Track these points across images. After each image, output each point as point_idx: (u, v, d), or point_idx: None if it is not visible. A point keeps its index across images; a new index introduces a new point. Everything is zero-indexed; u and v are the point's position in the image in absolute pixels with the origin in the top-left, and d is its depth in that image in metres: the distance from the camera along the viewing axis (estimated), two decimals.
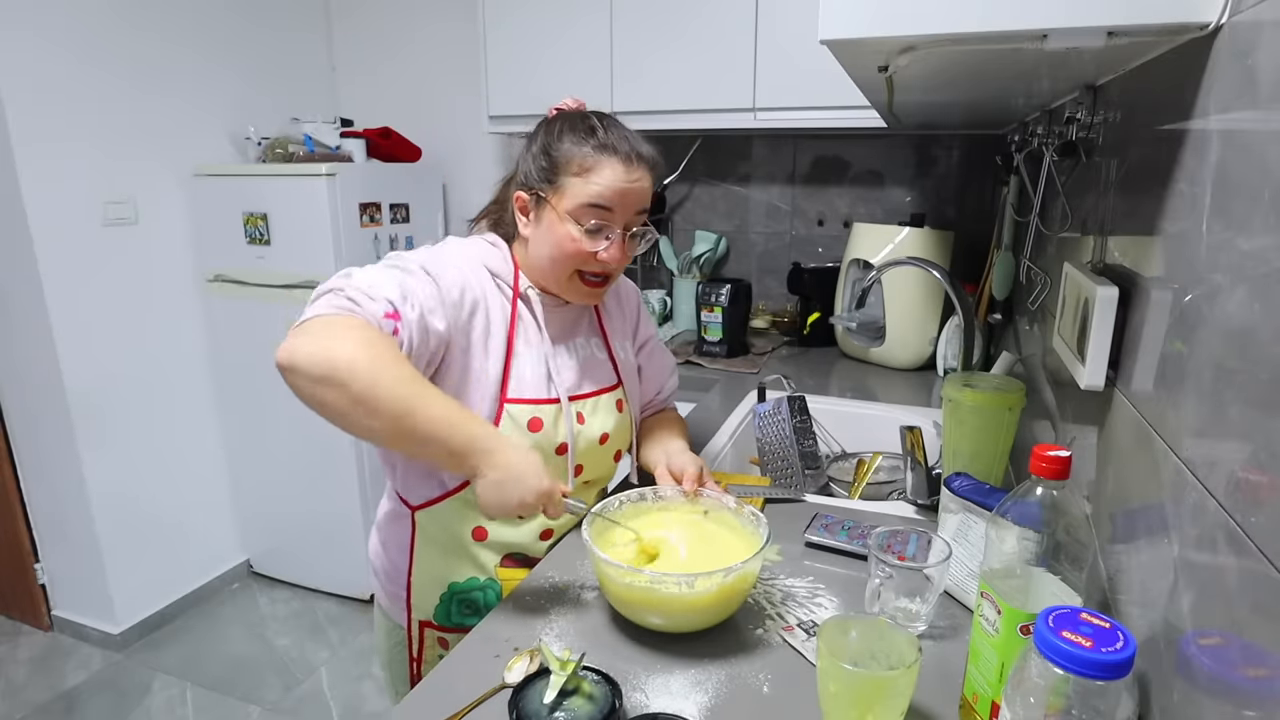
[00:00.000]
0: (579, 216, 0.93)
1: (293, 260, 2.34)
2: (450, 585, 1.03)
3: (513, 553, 1.03)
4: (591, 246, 0.94)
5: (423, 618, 1.05)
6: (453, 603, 1.03)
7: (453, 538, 1.01)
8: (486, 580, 1.03)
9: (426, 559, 1.03)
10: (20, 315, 2.19)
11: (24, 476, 2.37)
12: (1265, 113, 0.48)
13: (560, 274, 0.97)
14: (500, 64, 2.26)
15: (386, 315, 0.81)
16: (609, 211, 0.93)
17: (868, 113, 1.65)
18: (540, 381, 0.98)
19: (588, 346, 1.07)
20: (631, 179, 0.94)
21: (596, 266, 0.96)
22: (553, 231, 0.95)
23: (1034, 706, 0.50)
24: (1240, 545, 0.45)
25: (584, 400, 1.03)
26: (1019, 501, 0.62)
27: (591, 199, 0.92)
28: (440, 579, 1.03)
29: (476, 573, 1.02)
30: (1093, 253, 0.93)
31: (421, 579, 1.03)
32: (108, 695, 2.20)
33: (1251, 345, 0.47)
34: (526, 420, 0.96)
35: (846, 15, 0.61)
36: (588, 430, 1.02)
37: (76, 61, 2.14)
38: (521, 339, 0.98)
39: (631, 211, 0.95)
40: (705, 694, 0.74)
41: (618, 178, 0.93)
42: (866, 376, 1.95)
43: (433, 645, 1.06)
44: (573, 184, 0.93)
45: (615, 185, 0.92)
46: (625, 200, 0.94)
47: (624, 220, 0.95)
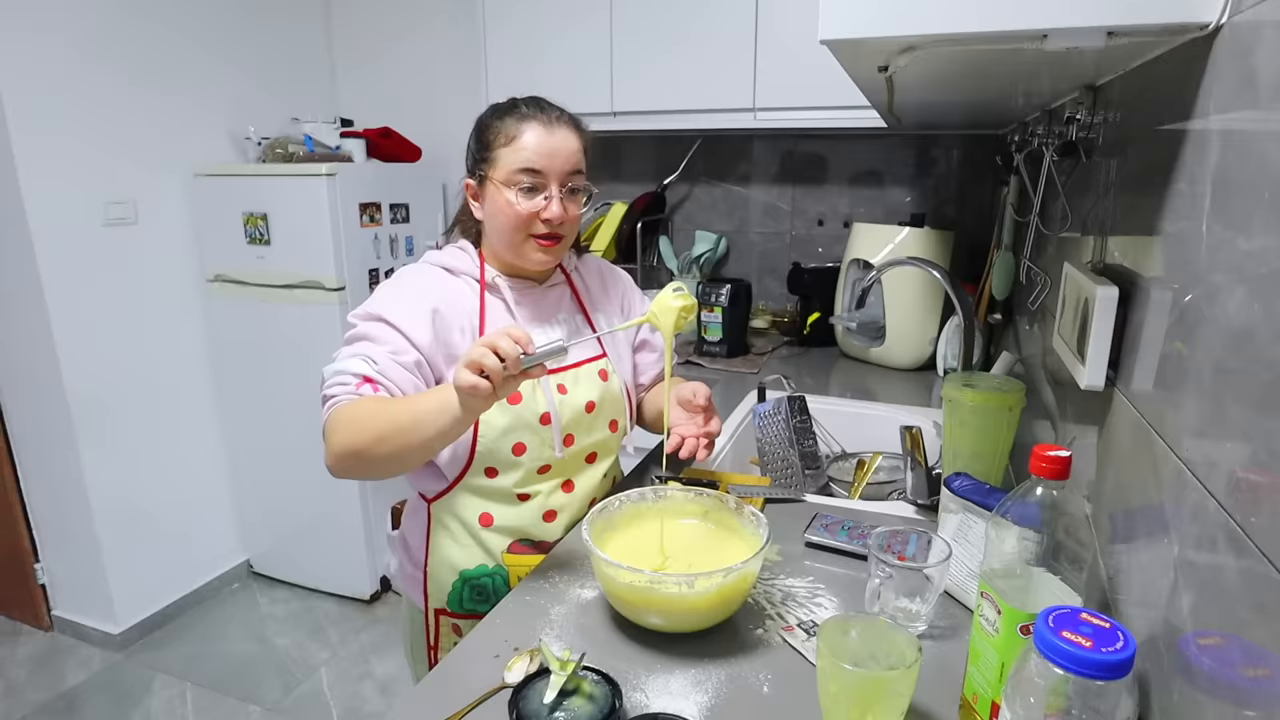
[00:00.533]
0: (513, 182, 1.00)
1: (293, 260, 2.34)
2: (462, 573, 1.08)
3: (520, 538, 1.07)
4: (530, 206, 1.00)
5: (438, 605, 1.11)
6: (464, 589, 1.08)
7: (463, 525, 1.07)
8: (495, 567, 1.08)
9: (441, 548, 1.09)
10: (20, 315, 2.19)
11: (24, 476, 2.37)
12: (1265, 113, 0.48)
13: (514, 242, 1.03)
14: (500, 64, 2.26)
15: (359, 386, 0.93)
16: (539, 173, 1.00)
17: (868, 113, 1.65)
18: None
19: (571, 322, 1.14)
20: (555, 138, 1.01)
21: (543, 227, 1.02)
22: (495, 203, 1.02)
23: (1034, 706, 0.50)
24: (1240, 545, 0.45)
25: (564, 372, 1.07)
26: (1019, 501, 0.62)
27: (521, 163, 1.00)
28: (453, 566, 1.08)
29: (485, 559, 1.07)
30: (1093, 253, 0.93)
31: (437, 567, 1.09)
32: (108, 695, 2.20)
33: (1251, 345, 0.47)
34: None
35: (846, 15, 0.61)
36: (571, 399, 1.06)
37: (77, 61, 2.14)
38: (490, 324, 1.05)
39: (563, 169, 1.01)
40: (705, 694, 0.74)
41: (540, 139, 1.00)
42: (866, 376, 1.95)
43: (448, 633, 1.12)
44: (502, 155, 1.01)
45: (540, 144, 1.00)
46: (553, 158, 1.00)
47: (558, 178, 1.01)
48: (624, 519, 0.97)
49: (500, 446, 1.02)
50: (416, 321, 0.99)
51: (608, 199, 2.57)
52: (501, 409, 1.01)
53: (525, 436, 1.03)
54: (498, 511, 1.06)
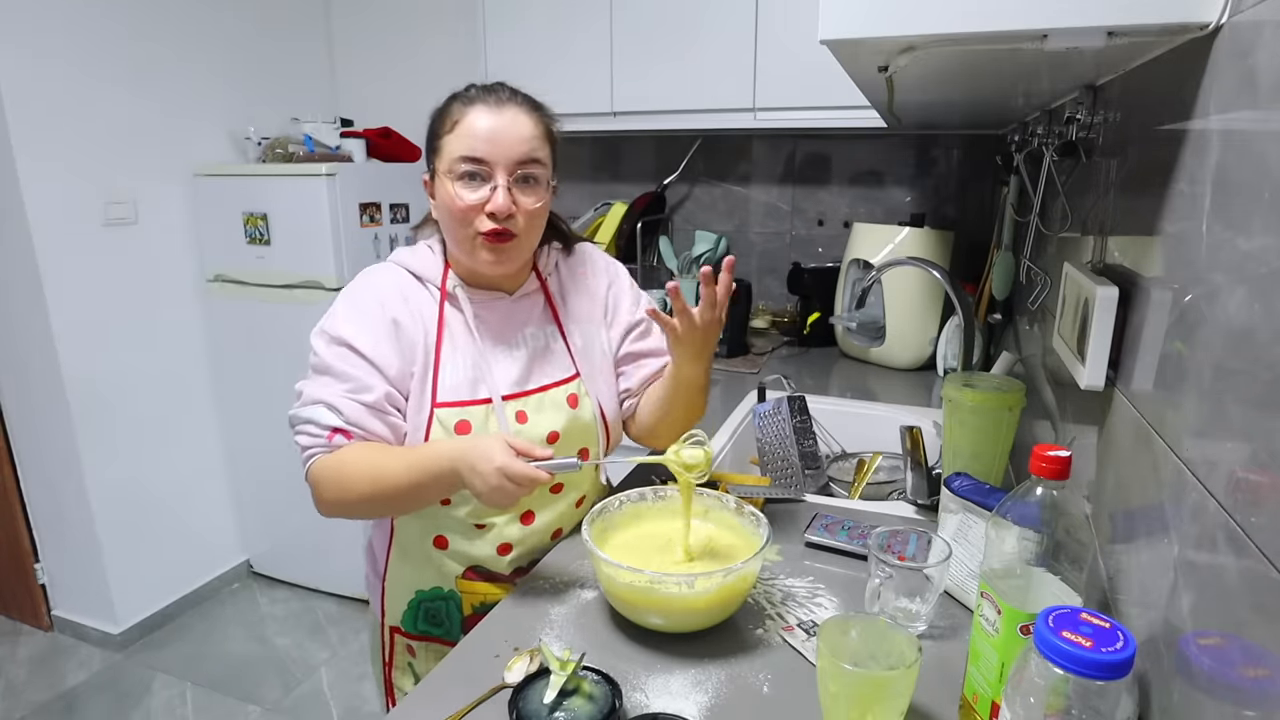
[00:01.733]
0: (454, 171, 0.90)
1: (293, 260, 2.34)
2: (417, 592, 1.03)
3: (475, 566, 1.00)
4: (474, 199, 0.90)
5: (393, 623, 1.05)
6: (419, 609, 1.03)
7: (418, 545, 1.01)
8: (449, 591, 1.02)
9: (399, 564, 1.03)
10: (20, 315, 2.19)
11: (24, 476, 2.37)
12: (1265, 113, 0.48)
13: (461, 240, 0.93)
14: (500, 64, 2.26)
15: (330, 438, 0.90)
16: (483, 161, 0.89)
17: (868, 113, 1.65)
18: (470, 382, 0.95)
19: (540, 337, 1.02)
20: (501, 119, 0.90)
21: (488, 222, 0.90)
22: (442, 197, 0.92)
23: (1034, 706, 0.50)
24: (1240, 545, 0.45)
25: (525, 398, 0.97)
26: (1019, 501, 0.62)
27: (463, 151, 0.89)
28: (409, 585, 1.03)
29: (440, 582, 1.02)
30: (1093, 253, 0.93)
31: (394, 582, 1.04)
32: (108, 695, 2.20)
33: (1251, 345, 0.47)
34: (453, 424, 0.93)
35: (846, 15, 0.61)
36: (531, 429, 0.97)
37: (77, 62, 2.14)
38: (449, 343, 0.96)
39: (511, 155, 0.90)
40: (705, 694, 0.74)
41: (486, 121, 0.89)
42: (866, 376, 1.95)
43: (402, 652, 1.06)
44: (447, 142, 0.91)
45: (484, 129, 0.89)
46: (498, 143, 0.89)
47: (505, 165, 0.90)
48: (624, 519, 0.97)
49: None
50: (380, 340, 0.92)
51: (608, 199, 2.57)
52: (450, 439, 0.93)
53: None
54: (451, 538, 0.99)
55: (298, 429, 0.92)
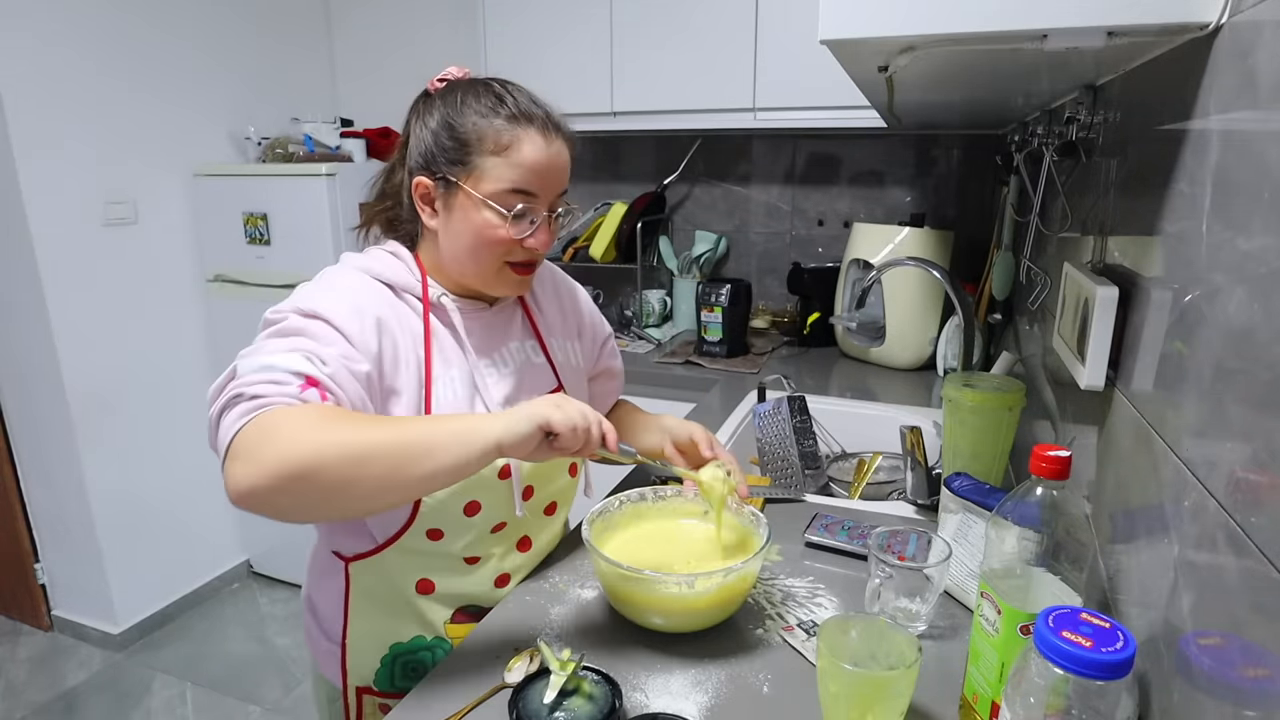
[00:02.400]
0: (501, 201, 0.82)
1: (293, 260, 2.34)
2: (392, 646, 0.90)
3: (466, 606, 0.91)
4: (517, 234, 0.83)
5: (360, 683, 0.92)
6: (395, 665, 0.91)
7: (393, 592, 0.89)
8: (434, 639, 0.90)
9: (363, 617, 0.90)
10: (20, 315, 2.19)
11: (24, 476, 2.37)
12: (1265, 113, 0.48)
13: (485, 268, 0.86)
14: (500, 63, 2.26)
15: (303, 389, 0.70)
16: (533, 196, 0.83)
17: (868, 113, 1.65)
18: (466, 397, 0.87)
19: (522, 351, 0.96)
20: (553, 152, 0.84)
21: (523, 255, 0.86)
22: (469, 220, 0.83)
23: (1034, 706, 0.50)
24: (1240, 545, 0.45)
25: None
26: (1019, 501, 0.62)
27: (515, 183, 0.82)
28: (380, 639, 0.90)
29: (422, 630, 0.90)
30: (1093, 253, 0.93)
31: (359, 639, 0.90)
32: (108, 695, 2.20)
33: (1251, 345, 0.47)
34: None
35: (846, 15, 0.61)
36: None
37: (76, 61, 2.14)
38: (439, 358, 0.86)
39: (555, 190, 0.86)
40: (705, 694, 0.74)
41: (539, 152, 0.82)
42: (866, 376, 1.95)
43: (374, 713, 0.93)
44: (490, 164, 0.82)
45: (538, 161, 0.82)
46: (549, 179, 0.84)
47: (549, 202, 0.85)
48: (624, 519, 0.96)
49: (450, 506, 0.84)
50: (365, 328, 0.79)
51: (608, 199, 2.57)
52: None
53: (481, 494, 0.85)
54: (441, 578, 0.88)
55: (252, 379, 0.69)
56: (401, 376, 0.82)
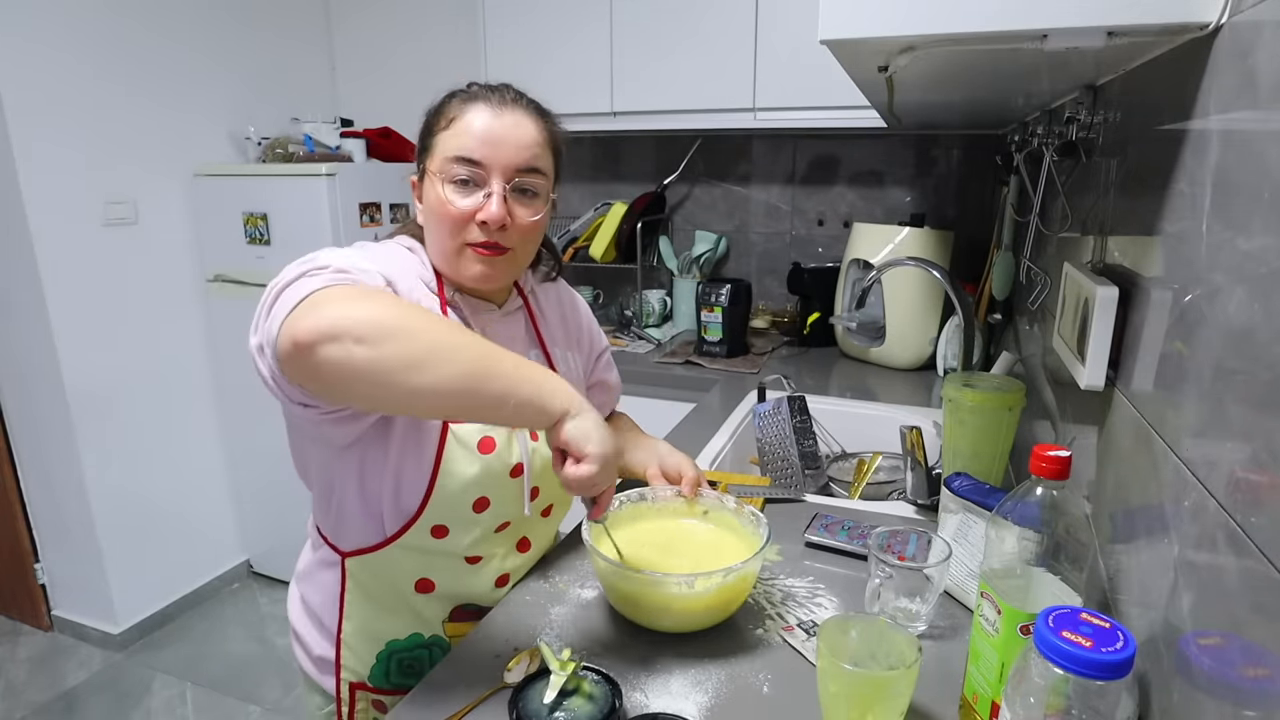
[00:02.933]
0: (446, 172, 0.81)
1: (293, 260, 2.34)
2: (389, 644, 0.90)
3: (465, 604, 0.91)
4: (466, 205, 0.81)
5: (355, 679, 0.92)
6: (391, 662, 0.91)
7: (390, 590, 0.89)
8: (432, 638, 0.91)
9: (360, 613, 0.90)
10: (20, 315, 2.19)
11: (24, 476, 2.37)
12: (1265, 113, 0.48)
13: (447, 249, 0.84)
14: (500, 64, 2.26)
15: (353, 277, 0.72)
16: (478, 164, 0.81)
17: (868, 113, 1.65)
18: None
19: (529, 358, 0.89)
20: (503, 122, 0.82)
21: (480, 233, 0.82)
22: (429, 200, 0.83)
23: (1034, 706, 0.50)
24: (1240, 545, 0.45)
25: None
26: (1019, 501, 0.62)
27: (457, 150, 0.81)
28: (376, 636, 0.90)
29: (420, 629, 0.90)
30: (1093, 253, 0.93)
31: (354, 636, 0.90)
32: (108, 695, 2.20)
33: (1251, 345, 0.47)
34: (476, 441, 0.84)
35: (846, 15, 0.61)
36: (542, 446, 0.88)
37: (76, 62, 2.14)
38: None
39: (511, 161, 0.82)
40: (705, 694, 0.74)
41: (483, 120, 0.81)
42: (866, 376, 1.95)
43: (365, 709, 0.92)
44: (441, 140, 0.83)
45: (481, 128, 0.81)
46: (498, 147, 0.81)
47: (502, 171, 0.82)
48: (624, 519, 0.96)
49: (460, 501, 0.84)
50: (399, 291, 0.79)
51: (608, 199, 2.57)
52: (470, 457, 0.83)
53: (492, 490, 0.85)
54: (441, 576, 0.88)
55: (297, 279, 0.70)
56: None
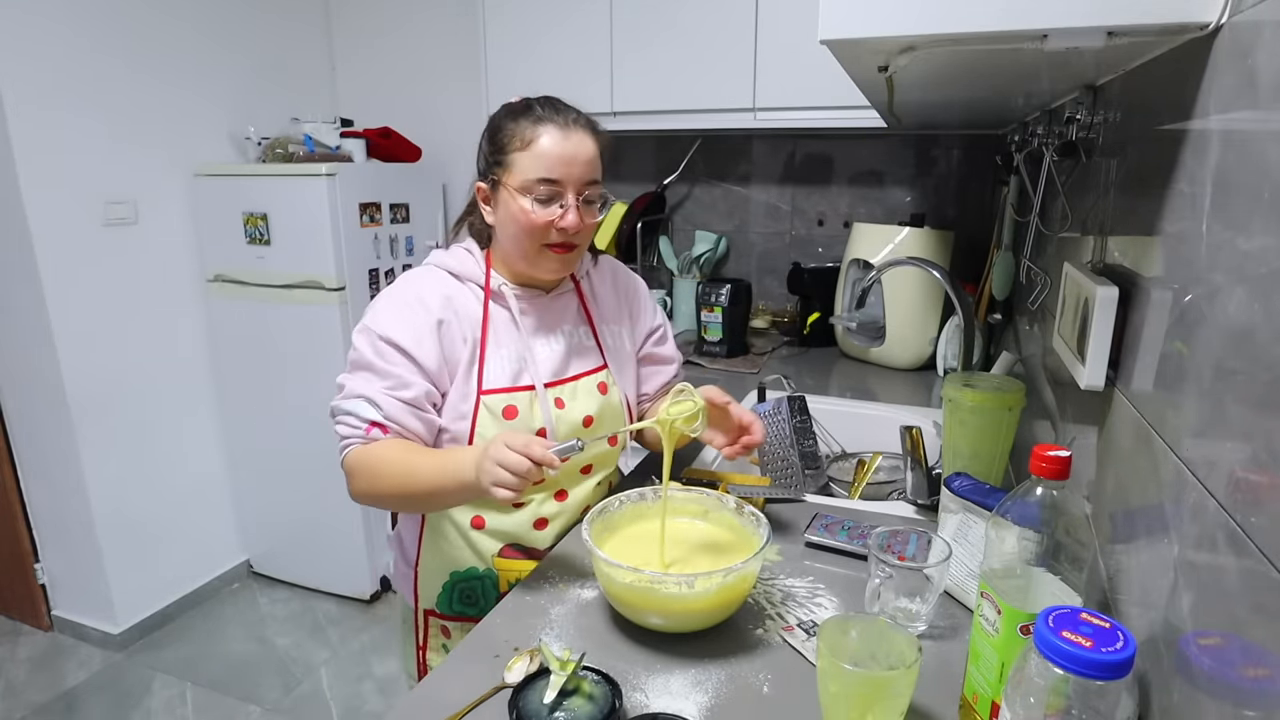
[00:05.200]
0: (529, 189, 0.97)
1: (293, 260, 2.34)
2: (452, 574, 1.08)
3: (512, 543, 1.06)
4: (546, 216, 0.98)
5: (427, 606, 1.11)
6: (454, 591, 1.08)
7: (455, 527, 1.06)
8: (485, 570, 1.07)
9: (433, 548, 1.09)
10: (20, 315, 2.19)
11: (24, 476, 2.36)
12: (1265, 113, 0.48)
13: (528, 251, 1.01)
14: (500, 64, 2.26)
15: (368, 431, 0.96)
16: (557, 182, 0.97)
17: (868, 113, 1.65)
18: (514, 371, 1.03)
19: (575, 334, 1.11)
20: (571, 142, 0.98)
21: (558, 236, 0.99)
22: (509, 210, 0.99)
23: (1034, 706, 0.50)
24: (1240, 545, 0.45)
25: (562, 385, 1.06)
26: (1019, 501, 0.62)
27: (540, 173, 0.97)
28: (444, 567, 1.08)
29: (477, 562, 1.07)
30: (1093, 253, 0.93)
31: (428, 567, 1.09)
32: (108, 695, 2.20)
33: (1251, 345, 0.47)
34: (501, 409, 1.01)
35: (846, 15, 0.61)
36: (568, 414, 1.05)
37: (76, 62, 2.14)
38: (492, 339, 1.03)
39: (580, 176, 0.99)
40: (705, 694, 0.74)
41: (556, 144, 0.97)
42: (866, 376, 1.95)
43: (436, 634, 1.12)
44: (518, 159, 0.98)
45: (555, 151, 0.97)
46: (570, 165, 0.98)
47: (575, 186, 0.98)
48: (624, 519, 0.97)
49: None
50: (423, 340, 0.98)
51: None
52: (497, 422, 1.01)
53: None
54: (490, 516, 1.06)
55: (338, 419, 0.98)
56: (463, 354, 1.01)
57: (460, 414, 1.01)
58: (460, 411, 1.01)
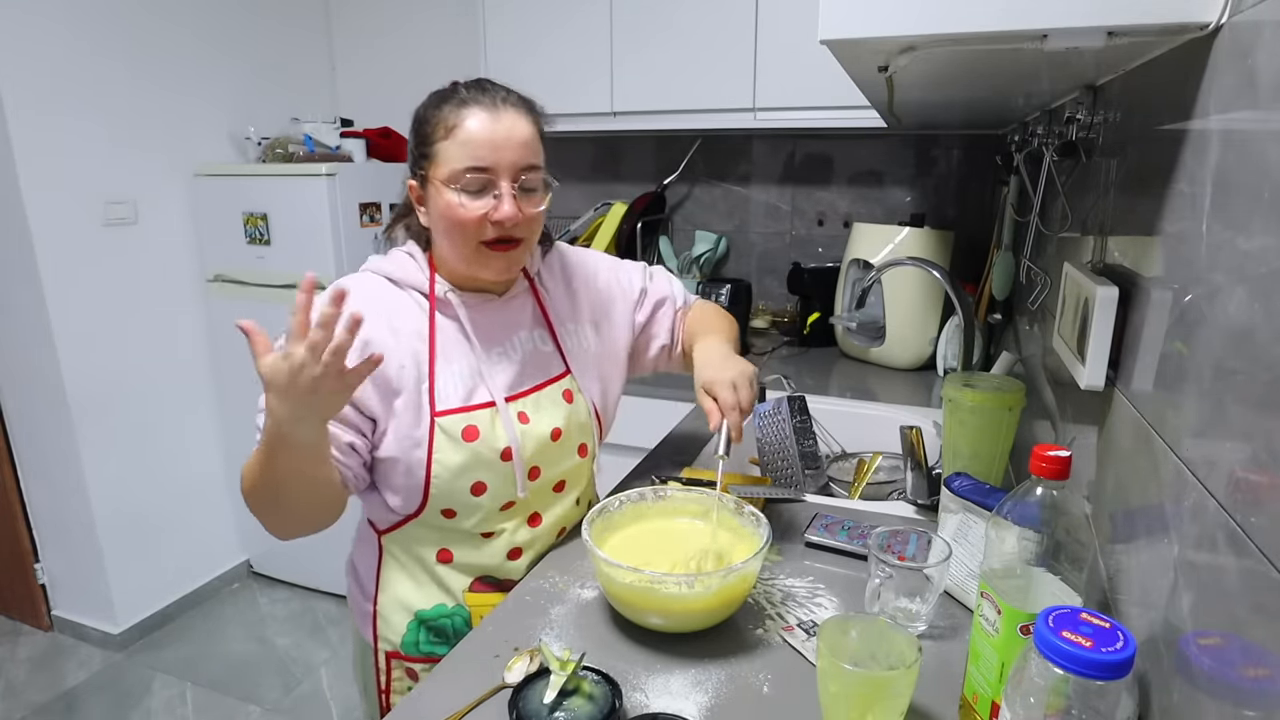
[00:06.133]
0: (457, 181, 0.85)
1: (293, 260, 2.34)
2: (418, 614, 0.98)
3: (483, 576, 0.98)
4: (478, 209, 0.86)
5: (389, 648, 0.99)
6: (420, 632, 0.98)
7: (418, 562, 0.97)
8: (455, 607, 0.98)
9: (393, 584, 0.98)
10: (20, 315, 2.19)
11: (24, 476, 2.37)
12: (1265, 113, 0.48)
13: (464, 250, 0.89)
14: (500, 64, 2.26)
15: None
16: (486, 170, 0.85)
17: (868, 113, 1.65)
18: (469, 388, 0.92)
19: (531, 340, 1.00)
20: (502, 125, 0.86)
21: (495, 231, 0.87)
22: (439, 207, 0.87)
23: (1034, 706, 0.50)
24: (1240, 545, 0.45)
25: (525, 398, 0.96)
26: (1019, 501, 0.62)
27: (465, 161, 0.85)
28: (407, 606, 0.98)
29: (444, 599, 0.98)
30: (1093, 253, 0.93)
31: (388, 605, 0.99)
32: (108, 695, 2.20)
33: (1251, 345, 0.47)
34: (460, 430, 0.90)
35: (846, 15, 0.61)
36: (534, 428, 0.95)
37: (77, 62, 2.14)
38: (441, 352, 0.92)
39: (514, 161, 0.86)
40: (705, 694, 0.74)
41: (483, 126, 0.85)
42: (866, 376, 1.95)
43: (401, 677, 1.01)
44: (443, 150, 0.86)
45: (483, 135, 0.85)
46: (501, 150, 0.85)
47: (508, 173, 0.86)
48: (624, 519, 0.96)
49: (456, 488, 0.91)
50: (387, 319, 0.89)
51: (607, 199, 2.57)
52: (455, 446, 0.89)
53: (484, 475, 0.92)
54: (458, 549, 0.96)
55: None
56: (407, 375, 0.89)
57: (414, 441, 0.89)
58: (414, 438, 0.89)
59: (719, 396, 0.93)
